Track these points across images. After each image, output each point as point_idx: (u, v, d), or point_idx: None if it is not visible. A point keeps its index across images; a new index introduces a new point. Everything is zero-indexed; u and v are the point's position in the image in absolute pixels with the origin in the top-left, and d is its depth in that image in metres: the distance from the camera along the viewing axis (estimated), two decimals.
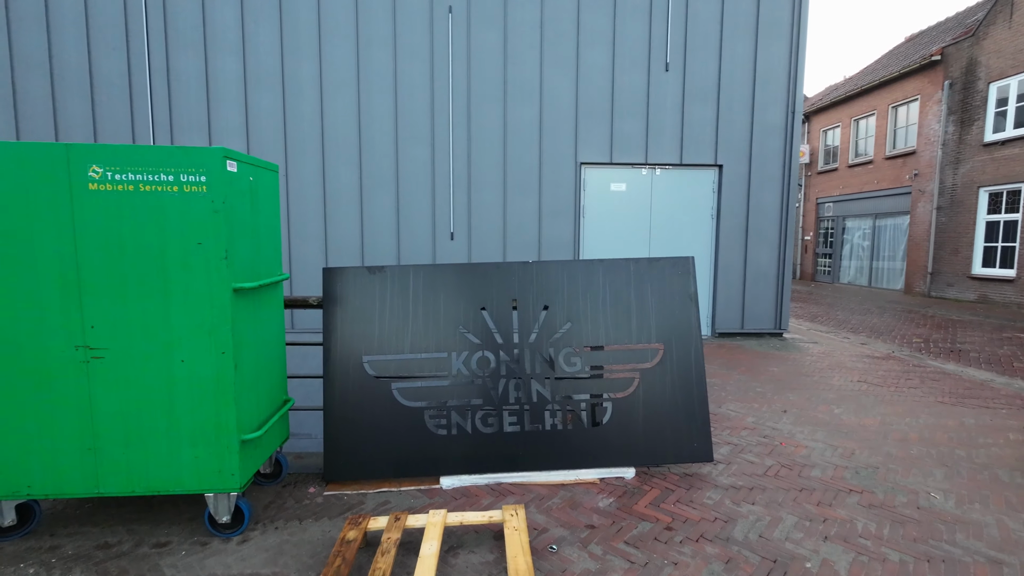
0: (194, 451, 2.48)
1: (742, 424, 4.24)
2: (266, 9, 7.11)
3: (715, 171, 7.95)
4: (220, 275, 2.40)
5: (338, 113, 7.33)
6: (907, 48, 17.21)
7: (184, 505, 2.87)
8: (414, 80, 7.38)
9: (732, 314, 8.01)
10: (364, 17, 7.23)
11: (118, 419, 2.43)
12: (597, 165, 7.80)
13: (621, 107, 7.64)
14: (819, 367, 6.23)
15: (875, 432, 4.07)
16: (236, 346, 2.48)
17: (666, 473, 3.30)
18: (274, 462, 3.15)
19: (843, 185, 17.62)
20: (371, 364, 3.15)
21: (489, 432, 3.17)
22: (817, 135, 19.30)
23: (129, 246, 2.35)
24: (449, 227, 7.59)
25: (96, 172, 2.28)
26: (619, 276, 3.37)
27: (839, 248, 17.89)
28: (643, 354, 3.31)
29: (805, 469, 3.40)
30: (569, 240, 7.77)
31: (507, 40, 7.43)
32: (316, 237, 7.44)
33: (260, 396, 2.77)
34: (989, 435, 4.04)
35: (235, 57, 7.14)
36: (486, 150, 7.55)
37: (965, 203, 12.92)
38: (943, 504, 2.96)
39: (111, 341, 2.39)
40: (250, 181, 2.64)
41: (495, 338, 3.25)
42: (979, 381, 5.66)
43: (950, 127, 13.38)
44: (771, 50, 7.73)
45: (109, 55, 6.99)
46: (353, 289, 3.21)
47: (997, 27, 12.20)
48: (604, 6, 7.48)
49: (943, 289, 13.51)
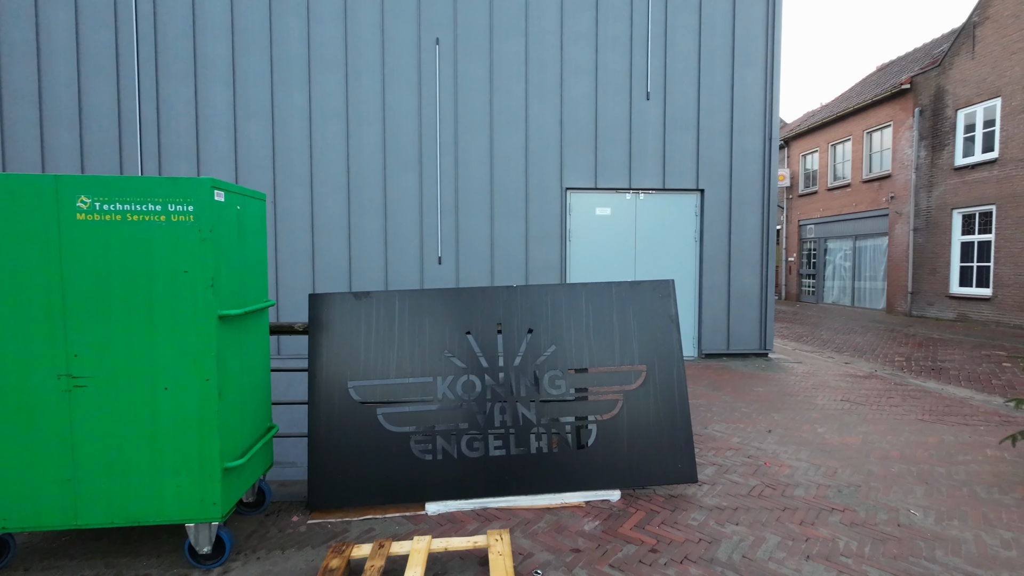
0: (176, 480, 2.46)
1: (727, 444, 4.27)
2: (257, 41, 7.28)
3: (697, 195, 8.15)
4: (206, 303, 2.42)
5: (327, 141, 7.45)
6: (878, 77, 17.92)
7: (164, 536, 2.82)
8: (402, 109, 7.54)
9: (718, 335, 8.11)
10: (353, 49, 7.42)
11: (99, 448, 2.41)
12: (582, 190, 7.97)
13: (604, 134, 7.86)
14: (803, 387, 6.31)
15: (857, 450, 4.12)
16: (221, 373, 2.49)
17: (651, 495, 3.32)
18: (257, 490, 3.12)
19: (823, 208, 18.07)
20: (356, 389, 3.16)
21: (475, 456, 3.18)
22: (797, 159, 19.86)
23: (115, 275, 2.37)
24: (437, 252, 7.66)
25: (84, 203, 2.33)
26: (602, 299, 3.44)
27: (822, 269, 18.24)
28: (626, 376, 3.36)
29: (789, 488, 3.43)
30: (556, 264, 7.87)
31: (493, 71, 7.65)
32: (304, 263, 7.46)
33: (244, 423, 2.77)
34: (968, 452, 4.11)
35: (225, 87, 7.26)
36: (473, 176, 7.69)
37: (940, 224, 13.30)
38: (923, 521, 3.01)
39: (95, 369, 2.39)
40: (237, 210, 2.70)
41: (480, 362, 3.28)
42: (959, 398, 5.77)
43: (922, 152, 13.86)
44: (747, 79, 8.03)
45: (99, 84, 7.08)
46: (339, 315, 3.24)
47: (961, 58, 12.79)
48: (586, 39, 7.76)
49: (923, 308, 13.79)
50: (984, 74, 12.17)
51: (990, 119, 12.10)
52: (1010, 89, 11.53)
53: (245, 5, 7.25)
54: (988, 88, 12.06)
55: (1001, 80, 11.75)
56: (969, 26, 12.57)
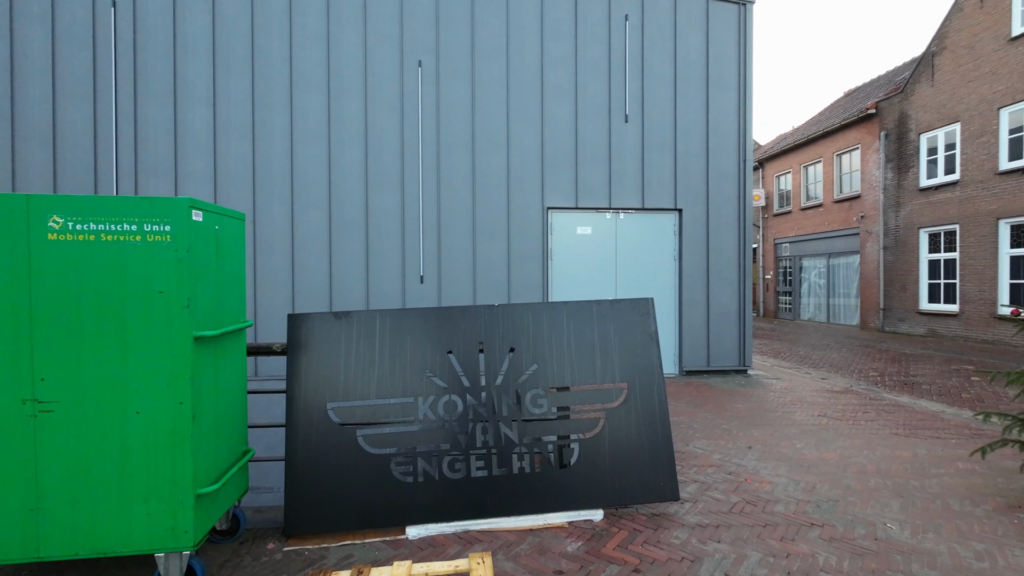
0: (146, 507, 2.37)
1: (708, 461, 4.30)
2: (238, 62, 7.29)
3: (675, 215, 8.32)
4: (181, 323, 2.38)
5: (308, 161, 7.44)
6: (846, 102, 18.68)
7: (132, 567, 2.71)
8: (384, 130, 7.59)
9: (698, 352, 8.20)
10: (336, 70, 7.48)
11: (65, 476, 2.33)
12: (563, 210, 8.07)
13: (585, 155, 8.01)
14: (782, 403, 6.40)
15: (835, 465, 4.18)
16: (195, 396, 2.43)
17: (634, 513, 3.31)
18: (231, 517, 3.03)
19: (797, 227, 18.58)
20: (336, 411, 3.12)
21: (456, 478, 3.14)
22: (771, 180, 20.45)
23: (87, 296, 2.32)
24: (419, 271, 7.65)
25: (56, 222, 2.28)
26: (583, 317, 3.47)
27: (798, 286, 18.66)
28: (608, 394, 3.37)
29: (769, 504, 3.46)
30: (538, 282, 7.92)
31: (475, 93, 7.77)
32: (283, 283, 7.37)
33: (219, 447, 2.70)
34: (941, 465, 4.20)
35: (205, 107, 7.23)
36: (455, 196, 7.74)
37: (908, 243, 13.77)
38: (899, 534, 3.05)
39: (62, 393, 2.31)
40: (216, 229, 2.67)
41: (462, 381, 3.27)
42: (931, 412, 5.91)
43: (889, 173, 14.41)
44: (721, 104, 8.30)
45: (75, 103, 6.99)
46: (319, 335, 3.20)
47: (922, 85, 13.43)
48: (566, 63, 7.95)
49: (895, 324, 14.17)
50: (943, 100, 12.78)
51: (951, 143, 12.67)
52: (968, 115, 12.11)
53: (227, 26, 7.27)
54: (948, 114, 12.65)
55: (960, 106, 12.34)
56: (928, 55, 13.23)
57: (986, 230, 11.64)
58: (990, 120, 11.56)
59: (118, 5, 7.06)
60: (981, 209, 11.77)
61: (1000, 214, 11.33)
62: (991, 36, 11.60)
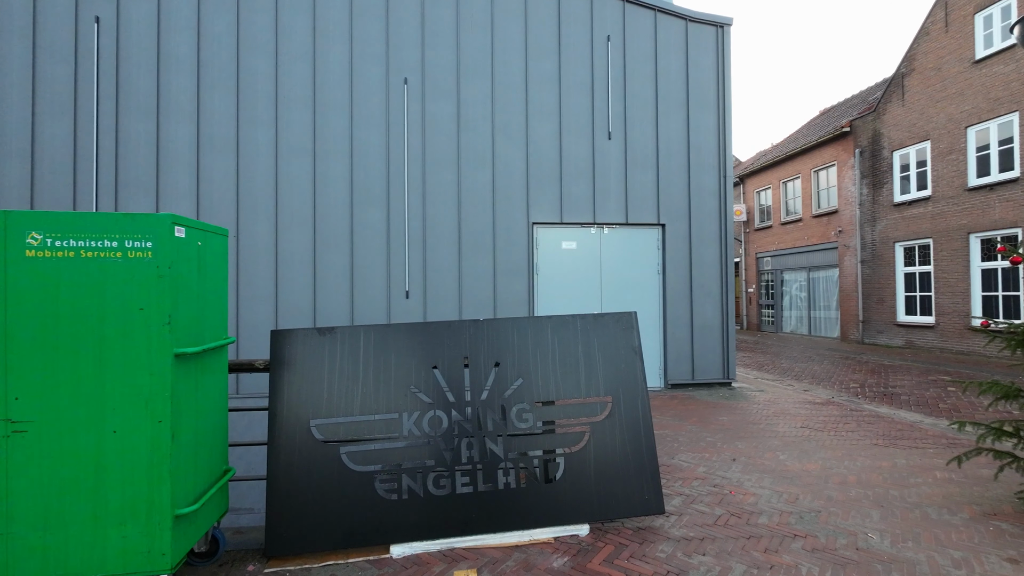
0: (121, 530, 2.32)
1: (693, 474, 4.32)
2: (222, 79, 7.30)
3: (659, 230, 8.45)
4: (161, 340, 2.36)
5: (293, 177, 7.43)
6: (822, 120, 19.25)
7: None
8: (370, 146, 7.63)
9: (682, 366, 8.28)
10: (321, 88, 7.53)
11: (37, 499, 2.26)
12: (548, 225, 8.15)
13: (569, 171, 8.13)
14: (765, 415, 6.47)
15: (817, 476, 4.23)
16: (175, 414, 2.40)
17: (620, 528, 3.31)
18: (210, 539, 2.96)
19: (778, 241, 18.96)
20: (319, 428, 3.08)
21: (442, 495, 3.12)
22: (751, 195, 20.90)
23: (64, 313, 2.29)
24: (404, 286, 7.63)
25: (35, 239, 2.26)
26: (567, 332, 3.50)
27: (780, 299, 18.97)
28: (593, 407, 3.39)
29: (753, 516, 3.48)
30: (523, 297, 7.95)
31: (460, 111, 7.87)
32: (267, 299, 7.30)
33: (198, 467, 2.65)
34: (919, 475, 4.28)
35: (188, 123, 7.21)
36: (441, 212, 7.78)
37: (884, 257, 14.13)
38: (879, 544, 3.10)
39: (37, 413, 2.26)
40: (198, 246, 2.66)
41: (447, 396, 3.26)
42: (909, 423, 6.02)
43: (864, 189, 14.83)
44: (701, 122, 8.51)
45: (54, 118, 6.92)
46: (302, 351, 3.18)
47: (893, 104, 13.92)
48: (550, 82, 8.11)
49: (874, 336, 14.46)
50: (914, 119, 13.26)
51: (922, 160, 13.11)
52: (937, 133, 12.57)
53: (212, 44, 7.29)
54: (918, 132, 13.12)
55: (929, 125, 12.81)
56: (898, 76, 13.74)
57: (958, 244, 12.00)
58: (958, 138, 12.01)
59: (101, 21, 7.05)
60: (952, 224, 12.15)
61: (971, 228, 11.71)
62: (956, 59, 12.11)
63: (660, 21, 8.41)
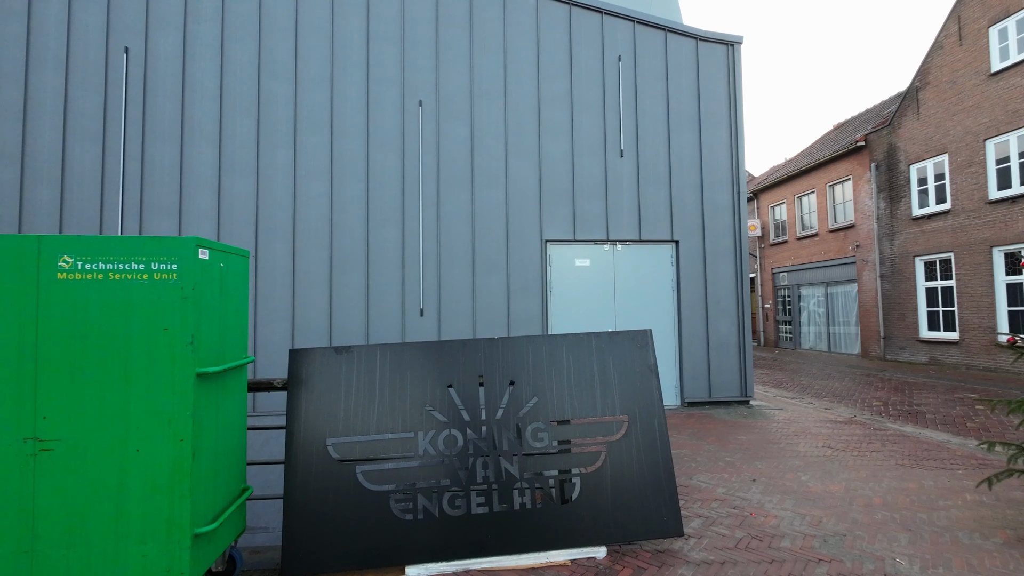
0: (142, 549, 2.34)
1: (712, 495, 4.23)
2: (244, 105, 7.53)
3: (672, 246, 8.43)
4: (184, 360, 2.41)
5: (311, 198, 7.59)
6: (836, 135, 19.15)
7: None
8: (386, 167, 7.78)
9: (699, 383, 8.16)
10: (339, 111, 7.72)
11: (62, 517, 2.31)
12: (561, 242, 8.18)
13: (582, 189, 8.18)
14: (785, 434, 6.33)
15: (841, 498, 4.12)
16: (196, 432, 2.44)
17: (637, 550, 3.25)
18: (227, 558, 2.97)
19: (794, 256, 18.74)
20: (335, 447, 3.10)
21: (457, 515, 3.10)
22: (766, 210, 20.75)
23: (92, 334, 2.36)
24: (419, 304, 7.69)
25: (67, 262, 2.34)
26: (582, 350, 3.49)
27: (797, 315, 18.67)
28: (609, 427, 3.36)
29: (775, 540, 3.40)
30: (537, 315, 7.95)
31: (473, 131, 8.00)
32: (284, 318, 7.40)
33: (217, 485, 2.68)
34: (948, 497, 4.14)
35: (211, 147, 7.43)
36: (455, 231, 7.87)
37: (904, 271, 13.88)
38: (909, 570, 2.99)
39: (64, 432, 2.32)
40: (221, 267, 2.73)
41: (462, 415, 3.26)
42: (936, 442, 5.85)
43: (882, 203, 14.65)
44: (713, 139, 8.53)
45: (84, 144, 7.19)
46: (319, 370, 3.22)
47: (908, 118, 13.81)
48: (562, 102, 8.22)
49: (896, 352, 14.12)
50: (930, 133, 13.13)
51: (940, 173, 12.94)
52: (955, 147, 12.42)
53: (235, 71, 7.55)
54: (935, 145, 12.97)
55: (946, 138, 12.67)
56: (913, 90, 13.66)
57: (980, 258, 11.75)
58: (977, 151, 11.85)
59: (130, 52, 7.35)
60: (974, 237, 11.92)
61: (993, 242, 11.47)
62: (971, 72, 12.01)
63: (670, 41, 8.51)
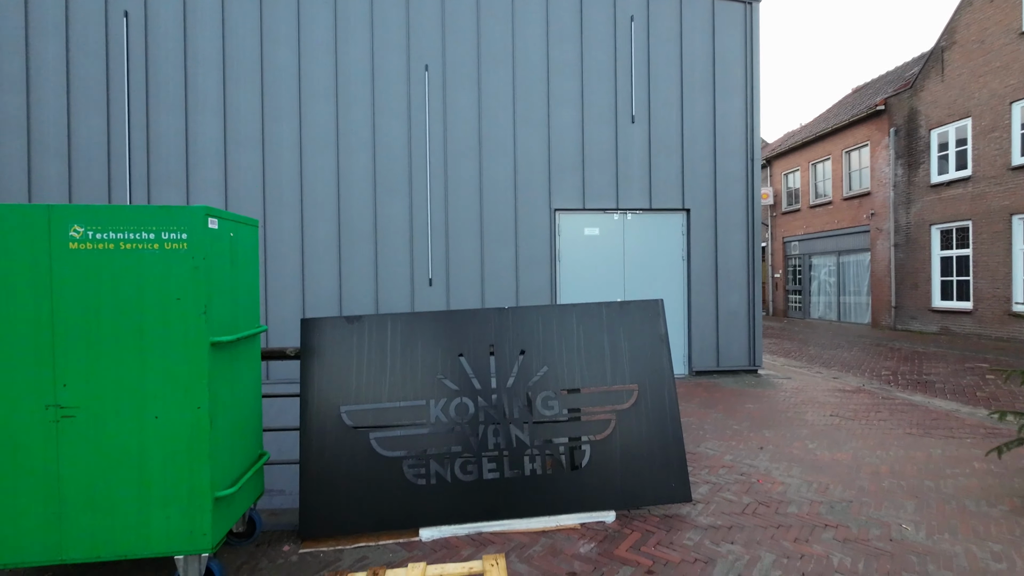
0: (165, 511, 2.42)
1: (720, 463, 4.28)
2: (247, 74, 7.38)
3: (683, 215, 8.30)
4: (198, 330, 2.43)
5: (317, 169, 7.51)
6: (854, 98, 18.53)
7: (151, 569, 2.76)
8: (392, 137, 7.65)
9: (707, 353, 8.17)
10: (344, 79, 7.55)
11: (86, 480, 2.37)
12: (570, 211, 8.08)
13: (591, 158, 8.02)
14: (793, 403, 6.36)
15: (848, 466, 4.16)
16: (212, 400, 2.47)
17: (646, 515, 3.31)
18: (247, 520, 3.07)
19: (806, 225, 18.44)
20: (349, 414, 3.15)
21: (469, 480, 3.16)
22: (779, 178, 20.32)
23: (106, 303, 2.37)
24: (427, 275, 7.69)
25: (77, 232, 2.34)
26: (592, 320, 3.48)
27: (807, 285, 18.51)
28: (618, 395, 3.38)
29: (782, 506, 3.44)
30: (546, 285, 7.93)
31: (481, 100, 7.81)
32: (294, 289, 7.44)
33: (235, 451, 2.74)
34: (956, 465, 4.16)
35: (216, 117, 7.33)
36: (463, 201, 7.78)
37: (919, 240, 13.63)
38: (914, 536, 3.03)
39: (83, 399, 2.37)
40: (231, 237, 2.72)
41: (473, 384, 3.29)
42: (945, 411, 5.85)
43: (899, 170, 14.28)
44: (728, 105, 8.28)
45: (88, 115, 7.11)
46: (331, 339, 3.24)
47: (932, 80, 13.30)
48: (571, 68, 7.97)
49: (907, 322, 14.02)
50: (954, 96, 12.65)
51: (962, 138, 12.53)
52: (979, 110, 11.98)
53: (237, 38, 7.37)
54: (958, 109, 12.52)
55: (970, 102, 12.21)
56: (938, 50, 13.11)
57: (999, 226, 11.50)
58: (1002, 115, 11.43)
59: (130, 16, 7.18)
60: (994, 205, 11.63)
61: (1013, 210, 11.19)
62: (1001, 30, 11.48)
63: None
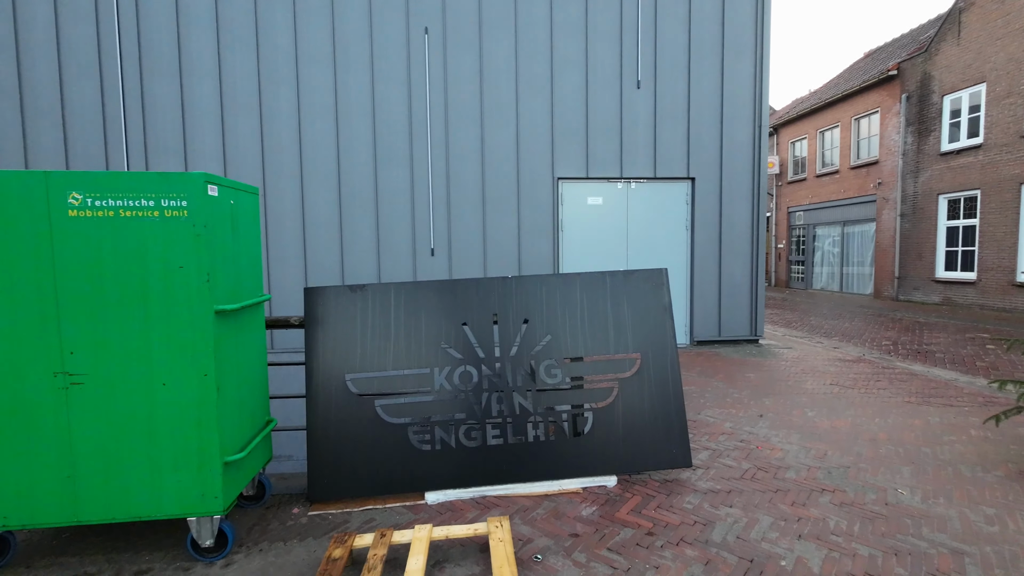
0: (176, 475, 2.47)
1: (720, 429, 4.35)
2: (242, 36, 7.17)
3: (688, 184, 8.19)
4: (202, 298, 2.42)
5: (316, 136, 7.38)
6: (866, 63, 18.01)
7: (165, 530, 2.84)
8: (392, 103, 7.48)
9: (709, 322, 8.20)
10: (341, 42, 7.34)
11: (98, 445, 2.42)
12: (574, 180, 7.98)
13: (595, 125, 7.86)
14: (793, 372, 6.41)
15: (846, 433, 4.22)
16: (218, 368, 2.49)
17: (647, 480, 3.38)
18: (257, 484, 3.14)
19: (812, 194, 18.22)
20: (354, 382, 3.18)
21: (473, 446, 3.22)
22: (785, 146, 19.97)
23: (109, 271, 2.36)
24: (429, 244, 7.65)
25: (76, 199, 2.31)
26: (595, 289, 3.48)
27: (811, 255, 18.42)
28: (621, 364, 3.40)
29: (780, 471, 3.51)
30: (548, 254, 7.89)
31: (483, 65, 7.60)
32: (295, 258, 7.42)
33: (243, 417, 2.78)
34: (953, 433, 4.22)
35: (211, 82, 7.16)
36: (464, 169, 7.67)
37: (926, 210, 13.48)
38: (910, 500, 3.09)
39: (91, 367, 2.38)
40: (231, 204, 2.69)
41: (477, 352, 3.31)
42: (944, 381, 5.90)
43: (909, 138, 14.00)
44: (737, 70, 8.05)
45: (82, 81, 6.95)
46: (335, 308, 3.25)
47: (947, 44, 12.89)
48: (576, 29, 7.72)
49: (910, 293, 14.00)
50: (969, 60, 12.28)
51: (975, 104, 12.23)
52: (995, 75, 11.65)
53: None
54: (973, 74, 12.18)
55: (986, 66, 11.86)
56: (955, 12, 12.65)
57: (1009, 195, 11.34)
58: (1018, 80, 11.12)
59: None
60: (1004, 174, 11.44)
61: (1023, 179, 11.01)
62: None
63: None
